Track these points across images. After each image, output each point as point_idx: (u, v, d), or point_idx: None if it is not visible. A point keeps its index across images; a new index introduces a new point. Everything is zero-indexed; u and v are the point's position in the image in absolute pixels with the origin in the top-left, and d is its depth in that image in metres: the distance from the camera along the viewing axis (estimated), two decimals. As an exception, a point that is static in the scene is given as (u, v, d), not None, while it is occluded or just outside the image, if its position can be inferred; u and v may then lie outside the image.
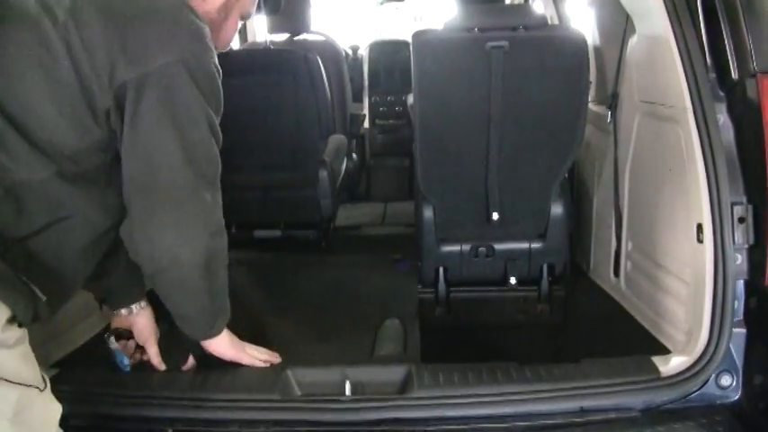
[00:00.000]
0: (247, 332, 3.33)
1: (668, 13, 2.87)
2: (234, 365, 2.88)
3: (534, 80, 3.43)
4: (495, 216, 3.66)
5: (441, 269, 3.86)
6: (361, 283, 4.16)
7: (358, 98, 6.70)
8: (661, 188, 3.23)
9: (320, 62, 4.63)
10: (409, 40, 3.53)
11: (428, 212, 3.74)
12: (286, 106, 4.58)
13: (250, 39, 6.66)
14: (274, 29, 5.58)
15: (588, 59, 3.40)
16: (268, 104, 4.59)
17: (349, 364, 2.89)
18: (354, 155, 6.25)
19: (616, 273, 3.73)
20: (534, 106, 3.47)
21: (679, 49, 2.84)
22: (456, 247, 3.81)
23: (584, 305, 3.87)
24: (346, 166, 5.59)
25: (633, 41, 3.45)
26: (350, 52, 6.83)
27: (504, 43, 3.34)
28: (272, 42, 5.59)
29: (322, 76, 4.61)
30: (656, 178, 3.28)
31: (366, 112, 6.79)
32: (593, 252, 4.09)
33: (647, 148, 3.39)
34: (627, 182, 3.60)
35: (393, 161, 6.65)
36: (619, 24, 3.85)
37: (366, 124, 6.59)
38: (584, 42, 3.39)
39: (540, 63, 3.40)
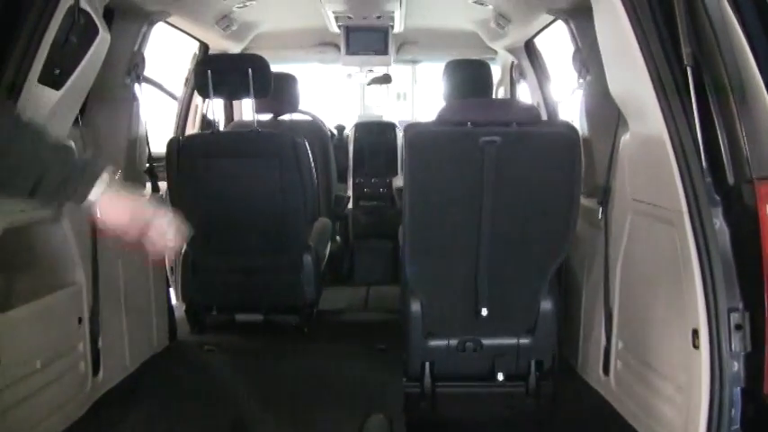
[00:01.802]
0: (230, 425, 3.25)
1: (664, 114, 2.87)
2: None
3: (526, 176, 3.41)
4: (485, 312, 3.60)
5: (427, 363, 3.78)
6: (346, 375, 4.07)
7: (342, 178, 6.67)
8: (654, 289, 3.20)
9: (307, 145, 4.60)
10: (394, 120, 3.52)
11: (415, 306, 3.68)
12: (272, 190, 4.54)
13: (236, 118, 6.65)
14: (261, 109, 5.57)
15: (581, 157, 3.39)
16: (254, 187, 4.55)
17: None
18: (338, 237, 6.20)
19: (605, 371, 3.67)
20: (526, 202, 3.45)
21: (675, 151, 2.84)
22: (443, 342, 3.74)
23: (574, 403, 3.79)
24: (330, 248, 5.54)
25: (626, 138, 3.45)
26: (335, 132, 6.82)
27: (497, 138, 3.32)
28: (258, 122, 5.58)
29: (309, 160, 4.58)
30: (649, 279, 3.25)
31: (350, 192, 6.76)
32: (581, 348, 4.03)
33: (640, 248, 3.36)
34: (618, 280, 3.56)
35: (377, 243, 6.59)
36: (609, 118, 3.87)
37: (350, 205, 6.55)
38: (578, 139, 3.38)
39: (533, 159, 3.39)
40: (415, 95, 12.21)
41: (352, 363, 4.26)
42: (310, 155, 4.60)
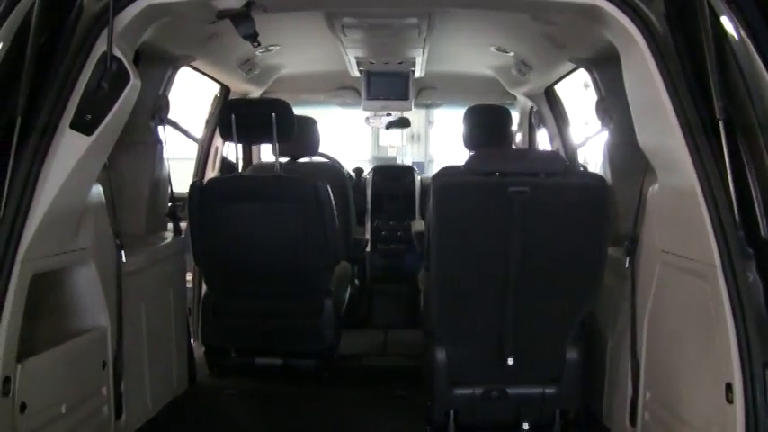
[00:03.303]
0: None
1: (695, 167, 2.86)
2: None
3: (554, 226, 3.41)
4: (510, 361, 3.58)
5: (451, 412, 3.74)
6: (366, 423, 4.03)
7: (360, 221, 6.67)
8: (684, 341, 3.17)
9: (329, 190, 4.61)
10: (410, 162, 3.53)
11: (440, 355, 3.66)
12: (294, 234, 4.53)
13: (254, 160, 6.68)
14: (281, 151, 5.59)
15: (609, 209, 3.39)
16: (275, 232, 4.54)
17: None
18: (356, 280, 6.18)
19: (632, 422, 3.63)
20: (553, 252, 3.44)
21: (707, 204, 2.82)
22: (468, 390, 3.71)
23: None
24: (349, 292, 5.53)
25: (654, 189, 3.44)
26: (353, 175, 6.83)
27: (526, 189, 3.32)
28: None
29: (331, 205, 4.57)
30: (679, 331, 3.22)
31: (368, 235, 6.76)
32: (606, 397, 3.99)
33: (669, 300, 3.33)
34: (645, 330, 3.53)
35: (395, 287, 6.58)
36: (632, 166, 3.87)
37: (367, 248, 6.55)
38: (606, 191, 3.39)
39: (561, 210, 3.40)
40: (430, 137, 12.28)
41: (373, 411, 4.24)
42: (332, 199, 4.60)
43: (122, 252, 3.64)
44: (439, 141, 11.77)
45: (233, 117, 4.46)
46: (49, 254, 3.02)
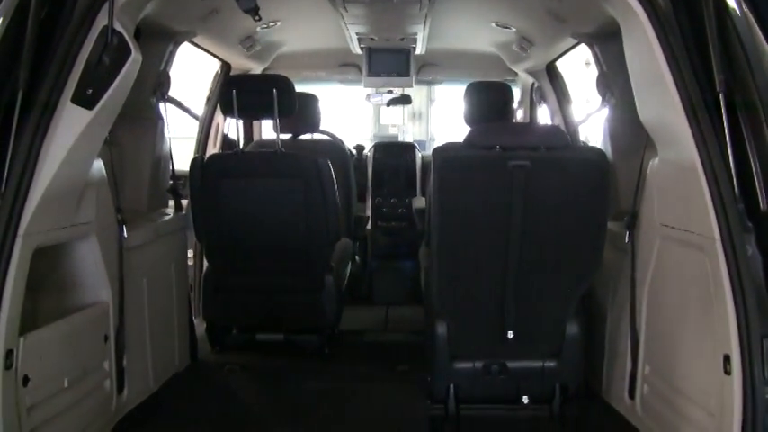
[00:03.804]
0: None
1: (696, 141, 2.87)
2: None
3: (555, 200, 3.41)
4: (511, 335, 3.59)
5: (452, 386, 3.77)
6: (369, 398, 4.06)
7: (361, 198, 6.68)
8: (683, 314, 3.19)
9: (330, 166, 4.61)
10: (410, 140, 3.53)
11: (441, 328, 3.67)
12: (295, 211, 4.54)
13: (255, 137, 6.68)
14: (282, 128, 5.58)
15: (609, 183, 3.39)
16: (277, 208, 4.55)
17: None
18: (357, 257, 6.20)
19: (631, 395, 3.65)
20: (554, 226, 3.45)
21: (707, 178, 2.83)
22: (468, 364, 3.73)
23: (598, 427, 3.78)
24: (350, 269, 5.54)
25: (654, 163, 3.45)
26: (354, 152, 6.83)
27: (527, 162, 3.33)
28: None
29: (333, 181, 4.58)
30: (678, 304, 3.24)
31: (369, 212, 6.77)
32: (605, 371, 4.01)
33: (669, 273, 3.35)
34: (645, 304, 3.55)
35: (396, 264, 6.60)
36: (633, 141, 3.88)
37: (368, 225, 6.56)
38: (607, 165, 3.39)
39: (561, 184, 3.40)
40: (431, 115, 12.23)
41: (375, 385, 4.26)
42: (333, 176, 4.61)
43: (124, 227, 3.65)
44: (440, 120, 11.73)
45: (234, 93, 4.46)
46: (50, 228, 3.03)
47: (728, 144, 2.78)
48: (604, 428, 3.76)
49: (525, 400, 3.75)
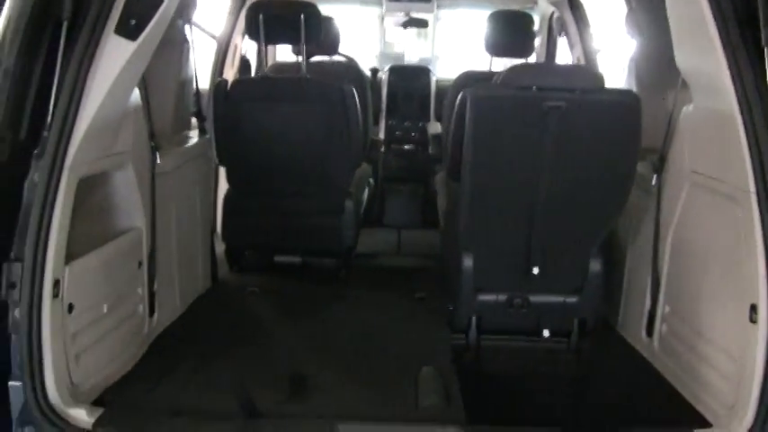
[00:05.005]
0: (288, 380, 3.35)
1: (737, 94, 2.88)
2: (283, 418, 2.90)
3: (587, 142, 3.45)
4: (536, 270, 3.67)
5: (474, 317, 3.87)
6: (390, 326, 4.15)
7: (374, 121, 6.67)
8: (709, 261, 3.26)
9: (355, 93, 4.62)
10: (416, 58, 3.51)
11: (467, 262, 3.74)
12: (318, 136, 4.58)
13: (270, 60, 6.62)
14: (297, 50, 5.55)
15: (641, 127, 3.42)
16: (300, 133, 4.58)
17: (400, 421, 2.93)
18: (371, 180, 6.25)
19: (649, 333, 3.76)
20: (584, 167, 3.49)
21: (746, 130, 2.85)
22: (492, 297, 3.82)
23: (615, 361, 3.89)
24: (367, 193, 5.60)
25: (688, 110, 3.47)
26: (368, 75, 6.80)
27: (562, 104, 3.35)
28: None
29: (356, 108, 4.60)
30: (704, 250, 3.31)
31: (382, 135, 6.79)
32: (622, 307, 4.11)
33: (696, 219, 3.41)
34: (668, 247, 3.62)
35: (408, 187, 6.65)
36: (660, 81, 3.89)
37: (381, 149, 6.59)
38: (639, 109, 3.40)
39: (595, 126, 3.43)
40: (436, 34, 12.06)
41: (395, 312, 4.34)
42: (358, 105, 4.62)
43: (157, 154, 3.68)
44: (444, 39, 11.66)
45: (261, 18, 4.44)
46: (93, 159, 3.06)
47: (770, 98, 2.80)
48: (620, 363, 3.87)
49: (546, 333, 3.85)
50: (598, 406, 3.50)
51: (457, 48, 11.04)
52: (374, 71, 6.94)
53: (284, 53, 6.79)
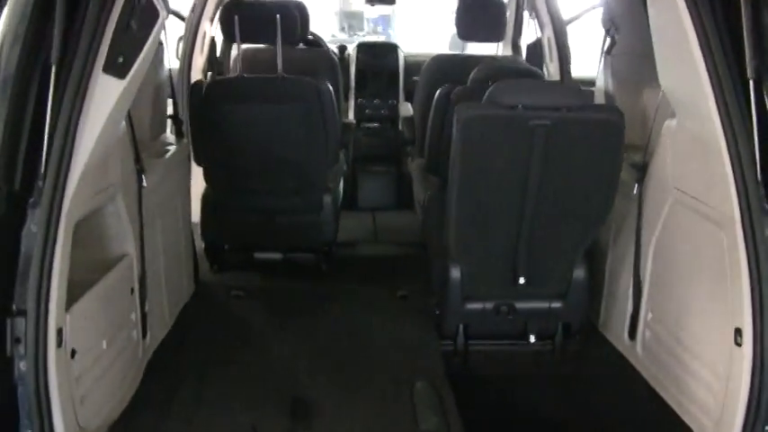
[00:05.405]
0: (275, 392, 3.41)
1: (722, 121, 2.92)
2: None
3: (572, 157, 3.53)
4: (522, 280, 3.78)
5: (461, 325, 3.97)
6: (378, 330, 4.22)
7: (344, 98, 6.66)
8: (694, 276, 3.36)
9: (332, 91, 4.62)
10: (375, 15, 3.53)
11: (455, 273, 3.84)
12: (296, 134, 4.58)
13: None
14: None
15: (623, 143, 3.49)
16: (278, 132, 4.58)
17: None
18: (344, 167, 6.25)
19: (631, 336, 3.88)
20: (570, 180, 3.58)
21: (731, 157, 2.90)
22: (479, 305, 3.92)
23: (598, 362, 4.02)
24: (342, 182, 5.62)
25: (671, 125, 3.53)
26: (337, 52, 6.75)
27: (548, 122, 3.41)
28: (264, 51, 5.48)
29: (334, 106, 4.61)
30: (689, 265, 3.41)
31: (351, 113, 6.77)
32: (604, 308, 4.23)
33: (680, 234, 3.50)
34: (650, 256, 3.73)
35: (380, 167, 6.67)
36: (637, 78, 3.97)
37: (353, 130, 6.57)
38: (623, 125, 3.47)
39: (580, 142, 3.50)
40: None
41: (379, 314, 4.42)
42: (335, 101, 4.62)
43: (143, 177, 3.65)
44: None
45: (236, 18, 4.40)
46: (87, 198, 3.03)
47: (755, 128, 2.82)
48: (603, 363, 4.01)
49: (532, 339, 3.98)
50: (581, 408, 3.64)
51: (415, 4, 11.02)
52: (342, 48, 6.89)
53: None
